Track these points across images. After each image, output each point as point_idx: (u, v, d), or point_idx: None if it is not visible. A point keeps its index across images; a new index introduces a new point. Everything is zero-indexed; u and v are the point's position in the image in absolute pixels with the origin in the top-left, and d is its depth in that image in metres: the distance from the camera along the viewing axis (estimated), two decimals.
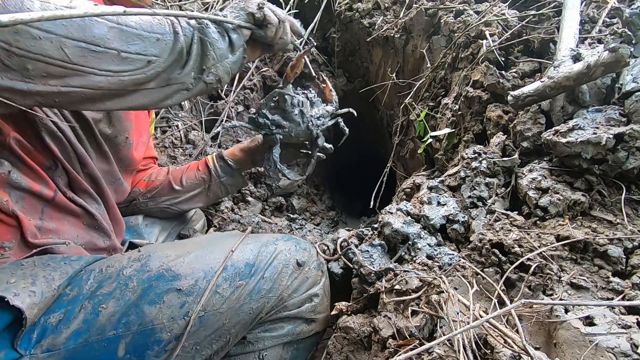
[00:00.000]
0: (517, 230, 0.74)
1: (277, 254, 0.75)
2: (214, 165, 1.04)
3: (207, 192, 1.05)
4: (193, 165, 1.06)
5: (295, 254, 0.78)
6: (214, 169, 1.03)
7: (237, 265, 0.70)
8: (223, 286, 0.67)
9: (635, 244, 0.65)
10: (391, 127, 1.59)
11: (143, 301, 0.62)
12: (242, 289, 0.69)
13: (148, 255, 0.68)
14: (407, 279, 0.70)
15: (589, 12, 0.98)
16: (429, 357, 0.56)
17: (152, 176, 1.03)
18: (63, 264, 0.63)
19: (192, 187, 1.03)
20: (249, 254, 0.73)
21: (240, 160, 1.04)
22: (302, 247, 0.81)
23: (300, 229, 1.27)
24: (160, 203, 1.01)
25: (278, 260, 0.74)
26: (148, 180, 1.02)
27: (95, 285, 0.62)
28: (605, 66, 0.74)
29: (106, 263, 0.66)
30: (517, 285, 0.66)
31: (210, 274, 0.67)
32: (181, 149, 1.44)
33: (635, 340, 0.50)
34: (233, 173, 1.05)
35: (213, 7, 1.65)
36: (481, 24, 1.10)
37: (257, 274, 0.71)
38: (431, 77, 1.28)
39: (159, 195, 1.01)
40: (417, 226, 0.83)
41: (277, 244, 0.78)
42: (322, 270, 0.81)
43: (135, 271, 0.65)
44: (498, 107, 0.98)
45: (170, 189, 1.01)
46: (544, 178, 0.79)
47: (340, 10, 1.64)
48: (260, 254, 0.74)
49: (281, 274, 0.73)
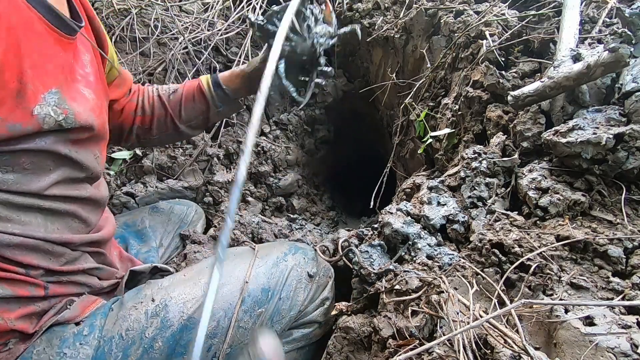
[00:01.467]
0: (517, 230, 0.74)
1: (289, 271, 0.75)
2: (211, 94, 0.94)
3: (205, 121, 0.99)
4: (188, 93, 0.95)
5: (306, 266, 0.78)
6: (211, 99, 0.94)
7: (254, 294, 0.70)
8: (244, 319, 0.67)
9: (635, 244, 0.65)
10: (391, 127, 1.59)
11: (172, 357, 0.62)
12: (262, 316, 0.69)
13: (164, 305, 0.65)
14: (407, 279, 0.70)
15: (589, 12, 0.98)
16: (429, 357, 0.56)
17: (146, 108, 0.93)
18: (79, 346, 0.60)
19: (190, 119, 0.96)
20: (262, 278, 0.72)
21: (237, 88, 0.95)
22: (310, 257, 0.81)
23: (300, 229, 1.27)
24: (160, 134, 0.96)
25: (291, 278, 0.75)
26: (143, 116, 0.93)
27: (120, 354, 0.60)
28: (605, 66, 0.73)
29: (124, 325, 0.63)
30: (517, 285, 0.66)
31: (230, 311, 0.67)
32: (181, 149, 1.44)
33: (635, 340, 0.50)
34: (230, 101, 0.97)
35: (213, 7, 1.65)
36: (481, 24, 1.10)
37: (274, 297, 0.71)
38: (431, 77, 1.28)
39: (157, 128, 0.95)
40: (417, 226, 0.83)
41: (286, 260, 0.77)
42: (329, 275, 0.83)
43: (158, 330, 0.63)
44: (498, 107, 0.97)
45: (170, 121, 0.95)
46: (544, 178, 0.79)
47: (340, 10, 1.64)
48: (272, 275, 0.74)
49: (297, 290, 0.74)
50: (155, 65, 1.49)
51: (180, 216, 1.10)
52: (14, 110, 0.51)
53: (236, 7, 1.63)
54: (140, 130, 0.94)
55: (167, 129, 0.96)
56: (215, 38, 1.56)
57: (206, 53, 1.55)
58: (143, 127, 0.94)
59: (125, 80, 0.90)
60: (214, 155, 1.45)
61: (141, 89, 0.96)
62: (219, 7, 1.65)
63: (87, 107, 0.62)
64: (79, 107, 0.60)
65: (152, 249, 0.95)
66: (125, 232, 0.97)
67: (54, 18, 0.57)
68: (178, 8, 1.67)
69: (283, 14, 0.80)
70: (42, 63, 0.55)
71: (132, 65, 1.46)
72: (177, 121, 0.94)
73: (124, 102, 0.91)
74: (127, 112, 0.91)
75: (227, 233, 0.47)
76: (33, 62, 0.53)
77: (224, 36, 1.60)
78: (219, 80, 0.94)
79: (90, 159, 0.66)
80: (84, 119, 0.60)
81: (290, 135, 1.76)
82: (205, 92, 0.94)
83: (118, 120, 0.91)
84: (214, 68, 1.61)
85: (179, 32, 1.50)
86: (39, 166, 0.57)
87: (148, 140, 0.99)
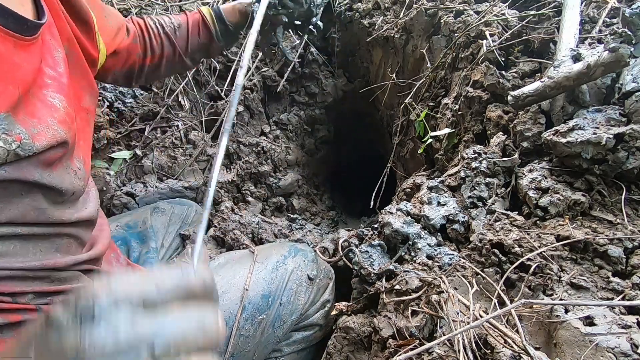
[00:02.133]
0: (517, 230, 0.74)
1: (289, 274, 0.75)
2: (215, 29, 0.95)
3: (207, 53, 1.01)
4: (193, 28, 0.95)
5: (306, 269, 0.78)
6: (215, 33, 0.96)
7: (254, 301, 0.69)
8: (245, 327, 0.67)
9: (635, 244, 0.65)
10: (391, 127, 1.59)
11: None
12: (264, 323, 0.69)
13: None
14: (407, 279, 0.70)
15: (589, 12, 0.98)
16: (429, 357, 0.56)
17: (155, 47, 0.91)
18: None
19: (194, 52, 0.97)
20: (262, 284, 0.72)
21: (239, 23, 0.97)
22: (310, 258, 0.81)
23: (300, 229, 1.27)
24: (167, 70, 0.97)
25: (292, 282, 0.74)
26: (153, 56, 0.91)
27: None
28: (605, 66, 0.73)
29: None
30: (517, 285, 0.66)
31: (231, 320, 0.66)
32: (181, 149, 1.44)
33: (635, 340, 0.50)
34: (231, 35, 0.99)
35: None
36: (481, 24, 1.10)
37: (274, 302, 0.71)
38: (431, 77, 1.28)
39: (166, 65, 0.95)
40: (417, 226, 0.83)
41: (286, 264, 0.77)
42: (330, 277, 0.82)
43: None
44: (498, 107, 0.97)
45: (178, 56, 0.95)
46: (544, 178, 0.79)
47: (340, 10, 1.64)
48: (272, 280, 0.73)
49: (297, 294, 0.74)
50: None
51: (181, 217, 1.10)
52: None
53: None
54: (150, 69, 0.94)
55: (174, 64, 0.97)
56: None
57: None
58: (153, 66, 0.94)
59: (119, 25, 0.82)
60: (214, 155, 1.45)
61: (143, 27, 0.92)
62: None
63: (55, 120, 0.52)
64: (39, 124, 0.49)
65: (152, 249, 0.94)
66: (127, 234, 0.96)
67: (8, 20, 0.46)
68: (178, 8, 1.67)
69: None
70: None
71: None
72: (183, 56, 0.95)
73: (126, 44, 0.85)
74: (133, 54, 0.89)
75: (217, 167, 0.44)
76: None
77: None
78: (223, 14, 0.95)
79: (68, 179, 0.55)
80: (48, 138, 0.49)
81: (290, 135, 1.76)
82: (209, 26, 0.95)
83: (126, 65, 0.88)
84: (214, 68, 1.61)
85: None
86: (5, 195, 0.47)
87: (156, 77, 1.01)
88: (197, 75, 1.58)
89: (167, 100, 1.46)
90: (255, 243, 1.11)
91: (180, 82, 1.52)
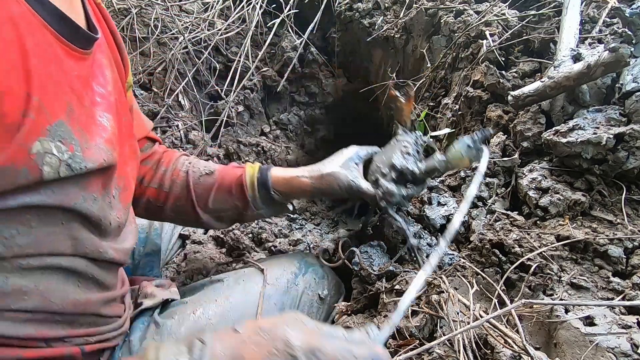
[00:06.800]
0: (517, 230, 0.74)
1: (300, 296, 0.75)
2: (254, 195, 0.75)
3: (238, 218, 0.81)
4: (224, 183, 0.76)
5: (316, 288, 0.77)
6: (252, 198, 0.76)
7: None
8: None
9: (635, 244, 0.65)
10: (391, 127, 1.59)
11: None
12: None
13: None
14: (407, 279, 0.70)
15: (589, 12, 0.98)
16: (429, 357, 0.56)
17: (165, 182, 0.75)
18: None
19: (219, 211, 0.77)
20: (274, 310, 0.72)
21: (291, 194, 0.78)
22: (320, 275, 0.80)
23: (300, 229, 1.27)
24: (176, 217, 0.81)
25: (303, 303, 0.74)
26: (158, 190, 0.75)
27: None
28: (606, 66, 0.73)
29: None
30: (517, 285, 0.66)
31: None
32: (181, 148, 1.44)
33: (635, 340, 0.50)
34: (276, 205, 0.79)
35: (213, 6, 1.65)
36: (481, 24, 1.10)
37: None
38: (431, 77, 1.28)
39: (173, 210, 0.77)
40: (417, 226, 0.83)
41: (297, 284, 0.76)
42: (340, 292, 0.82)
43: None
44: (498, 107, 0.97)
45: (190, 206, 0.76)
46: (544, 178, 0.79)
47: (340, 10, 1.64)
48: (284, 305, 0.73)
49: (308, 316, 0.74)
50: (155, 65, 1.49)
51: None
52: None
53: (236, 7, 1.63)
54: (152, 205, 0.76)
55: (184, 214, 0.78)
56: (215, 38, 1.56)
57: (206, 53, 1.55)
58: (156, 203, 0.76)
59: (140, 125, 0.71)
60: (214, 155, 1.45)
61: (170, 155, 0.78)
62: (219, 7, 1.65)
63: (102, 140, 0.48)
64: (90, 141, 0.46)
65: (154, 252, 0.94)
66: None
67: (64, 28, 0.44)
68: (178, 8, 1.67)
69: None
70: (51, 85, 0.40)
71: (132, 65, 1.46)
72: (198, 209, 0.76)
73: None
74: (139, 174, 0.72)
75: None
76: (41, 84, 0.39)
77: (224, 36, 1.60)
78: (269, 181, 0.76)
79: (107, 208, 0.50)
80: (96, 156, 0.45)
81: (290, 135, 1.76)
82: (246, 190, 0.75)
83: None
84: (214, 68, 1.61)
85: (179, 32, 1.50)
86: (46, 223, 0.42)
87: (159, 218, 0.84)
88: (197, 75, 1.57)
89: (167, 100, 1.46)
90: (255, 243, 1.11)
91: (180, 82, 1.51)
